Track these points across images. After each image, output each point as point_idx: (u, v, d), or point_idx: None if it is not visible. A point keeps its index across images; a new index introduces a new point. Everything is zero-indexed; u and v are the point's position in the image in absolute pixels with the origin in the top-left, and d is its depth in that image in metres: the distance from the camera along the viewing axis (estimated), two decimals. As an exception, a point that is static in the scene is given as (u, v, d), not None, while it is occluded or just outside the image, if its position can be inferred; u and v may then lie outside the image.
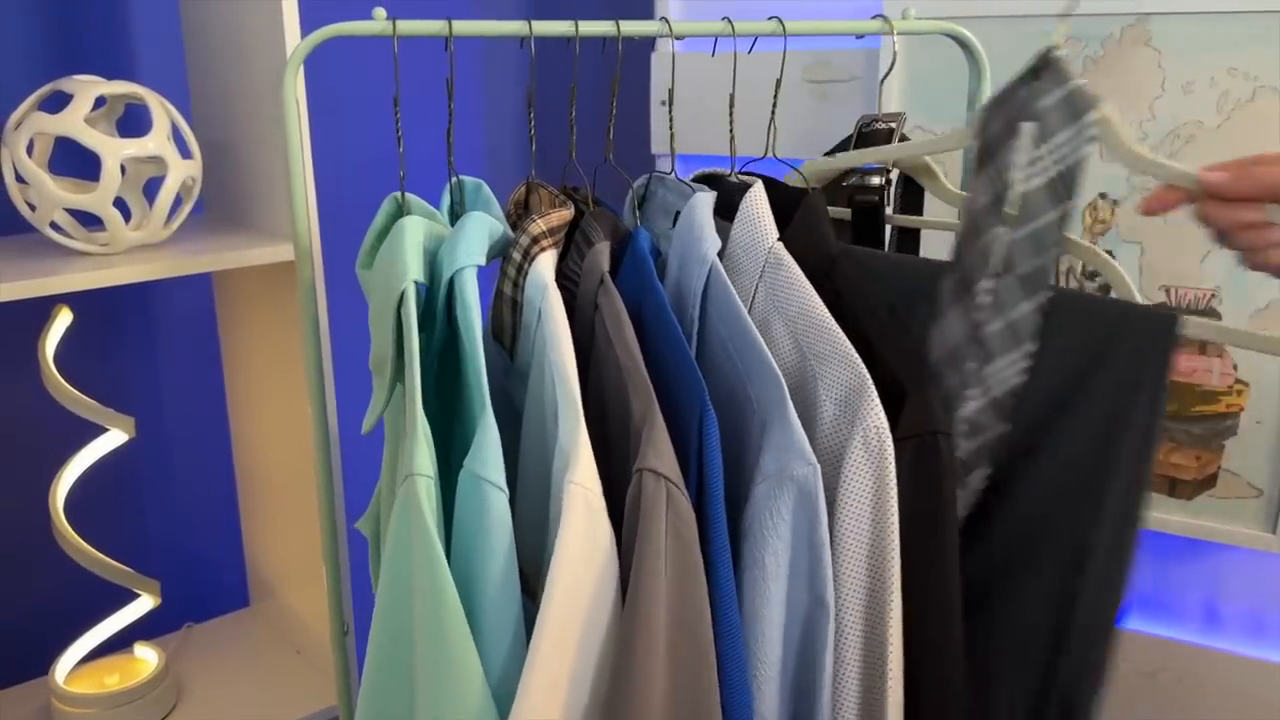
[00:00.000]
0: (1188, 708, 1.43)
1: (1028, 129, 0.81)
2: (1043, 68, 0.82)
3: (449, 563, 0.67)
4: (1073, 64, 1.32)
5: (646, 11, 1.63)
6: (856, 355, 0.78)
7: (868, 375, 0.77)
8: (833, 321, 0.80)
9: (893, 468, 0.76)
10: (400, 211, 0.84)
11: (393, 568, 0.70)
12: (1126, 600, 0.84)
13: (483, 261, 0.79)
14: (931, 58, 1.38)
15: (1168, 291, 1.32)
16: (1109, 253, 1.35)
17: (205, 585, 1.50)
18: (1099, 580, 0.83)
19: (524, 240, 0.81)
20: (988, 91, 0.96)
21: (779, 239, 0.84)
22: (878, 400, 0.76)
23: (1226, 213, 0.77)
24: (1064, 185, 0.81)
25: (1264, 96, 1.23)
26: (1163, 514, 1.37)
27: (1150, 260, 1.33)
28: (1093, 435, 0.80)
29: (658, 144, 1.61)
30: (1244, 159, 0.78)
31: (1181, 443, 1.35)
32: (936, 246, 1.24)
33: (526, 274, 0.80)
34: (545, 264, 0.80)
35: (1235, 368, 1.30)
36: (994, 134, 0.83)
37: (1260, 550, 1.34)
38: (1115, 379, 0.80)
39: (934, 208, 1.05)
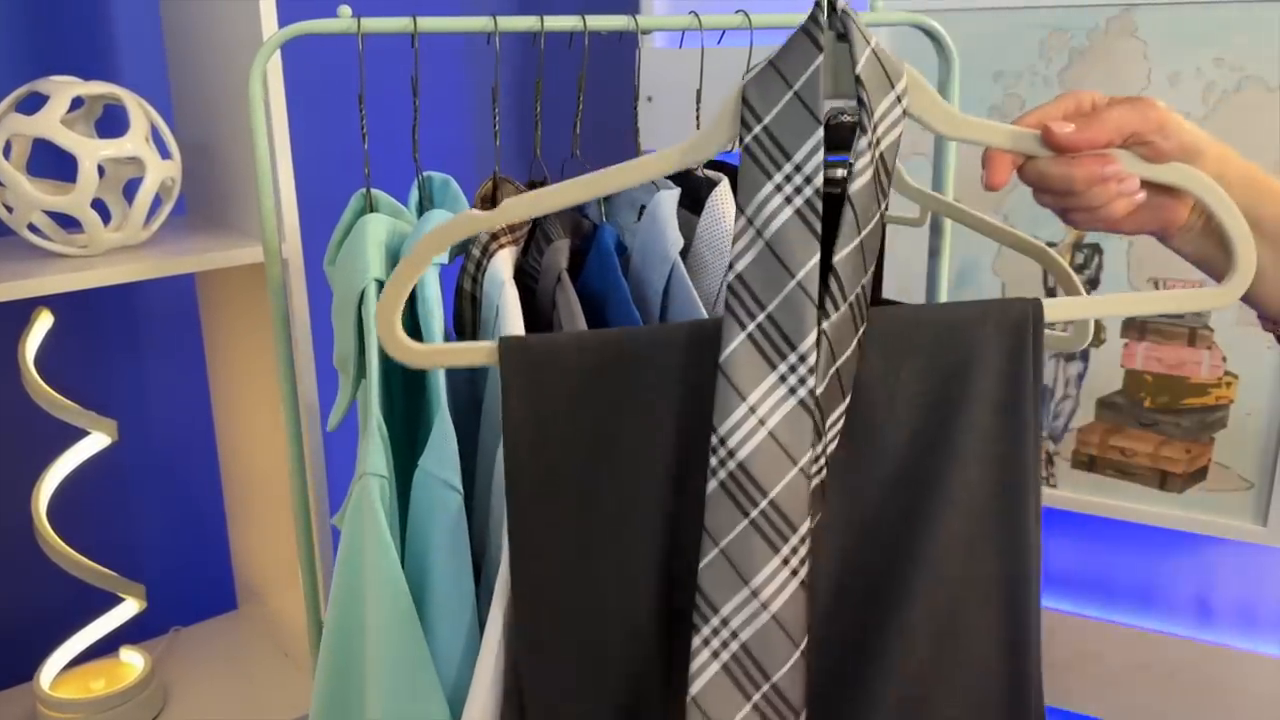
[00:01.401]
0: (1180, 701, 1.42)
1: (849, 106, 0.63)
2: (828, 14, 0.62)
3: (404, 561, 0.67)
4: (1059, 56, 1.32)
5: (635, 11, 1.63)
6: None
7: None
8: None
9: None
10: (367, 209, 0.84)
11: (345, 568, 0.70)
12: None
13: (444, 259, 0.79)
14: (916, 52, 1.37)
15: (1155, 283, 1.32)
16: (1096, 246, 1.35)
17: (191, 589, 1.50)
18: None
19: (483, 237, 0.81)
20: (957, 84, 0.95)
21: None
22: None
23: (1070, 168, 0.67)
24: (886, 174, 0.65)
25: (1250, 86, 1.22)
26: (1153, 507, 1.36)
27: (1138, 253, 1.32)
28: (993, 437, 0.69)
29: (644, 140, 1.61)
30: (1068, 102, 0.70)
31: (1171, 435, 1.34)
32: (903, 239, 1.22)
33: (485, 270, 0.80)
34: (503, 260, 0.80)
35: (1225, 360, 1.29)
36: (772, 120, 0.62)
37: (1251, 543, 1.33)
38: (992, 377, 0.68)
39: (898, 203, 1.04)
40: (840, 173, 0.97)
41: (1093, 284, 1.36)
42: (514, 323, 0.75)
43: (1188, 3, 1.24)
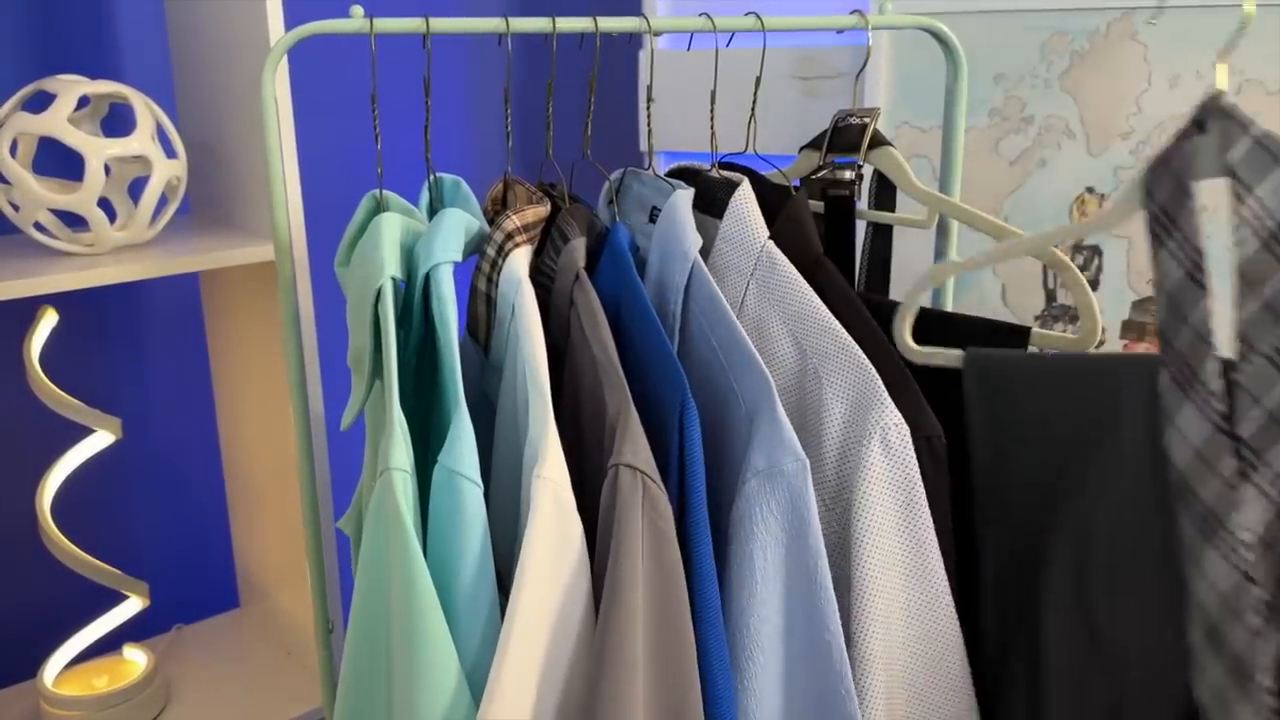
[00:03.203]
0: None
1: (1211, 188, 0.72)
2: (1207, 117, 0.73)
3: (425, 556, 0.67)
4: (1059, 59, 1.32)
5: (635, 12, 1.63)
6: (862, 354, 0.78)
7: (876, 374, 0.77)
8: (835, 321, 0.80)
9: (916, 466, 0.76)
10: (379, 209, 0.84)
11: (369, 561, 0.70)
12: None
13: (459, 258, 0.79)
14: (918, 54, 1.38)
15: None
16: (1096, 248, 1.35)
17: (195, 586, 1.50)
18: None
19: (498, 236, 0.81)
20: (965, 87, 0.96)
21: (769, 237, 0.84)
22: (889, 399, 0.76)
23: None
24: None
25: (1250, 90, 1.23)
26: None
27: (1137, 257, 1.33)
28: None
29: (646, 141, 1.61)
30: None
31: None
32: (910, 241, 1.23)
33: (501, 270, 0.80)
34: (519, 260, 0.80)
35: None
36: (1164, 200, 0.73)
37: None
38: None
39: (906, 205, 1.05)
40: (848, 175, 0.98)
41: (1092, 285, 1.36)
42: (531, 322, 0.75)
43: (1188, 6, 1.24)
